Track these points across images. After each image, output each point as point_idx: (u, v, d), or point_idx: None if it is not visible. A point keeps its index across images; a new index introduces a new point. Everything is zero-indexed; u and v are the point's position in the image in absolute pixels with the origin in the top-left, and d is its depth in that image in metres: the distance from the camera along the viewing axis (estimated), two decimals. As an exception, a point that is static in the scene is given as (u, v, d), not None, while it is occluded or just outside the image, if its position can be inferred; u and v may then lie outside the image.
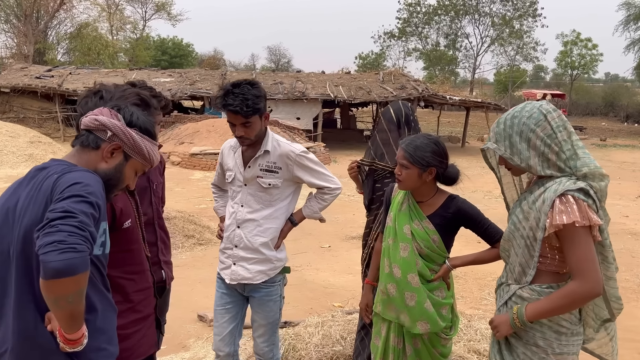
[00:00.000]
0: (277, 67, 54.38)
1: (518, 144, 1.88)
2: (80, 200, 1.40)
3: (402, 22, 46.32)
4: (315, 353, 3.29)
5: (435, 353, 2.43)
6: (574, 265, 1.83)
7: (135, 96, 2.00)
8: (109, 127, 1.63)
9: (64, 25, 34.78)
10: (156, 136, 1.78)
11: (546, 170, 1.88)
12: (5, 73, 21.76)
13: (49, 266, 1.27)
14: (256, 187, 2.61)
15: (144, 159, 1.72)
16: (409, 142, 2.35)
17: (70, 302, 1.35)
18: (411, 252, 2.36)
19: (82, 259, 1.31)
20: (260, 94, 2.48)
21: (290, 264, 6.59)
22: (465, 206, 2.40)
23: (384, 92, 19.81)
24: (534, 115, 1.87)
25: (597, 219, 1.79)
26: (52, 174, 1.52)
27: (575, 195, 1.79)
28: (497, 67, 48.51)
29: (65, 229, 1.31)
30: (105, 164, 1.65)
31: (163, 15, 43.55)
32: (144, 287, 2.09)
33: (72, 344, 1.46)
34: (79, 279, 1.32)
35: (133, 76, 20.43)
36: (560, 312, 1.87)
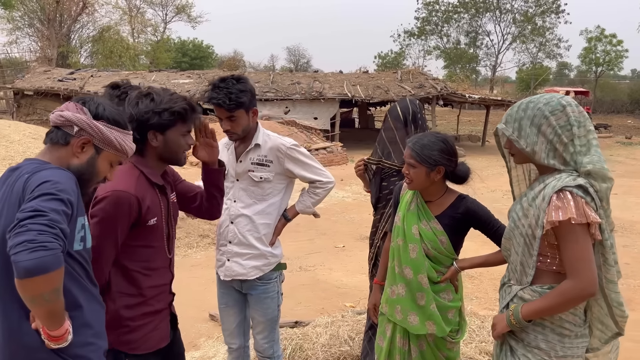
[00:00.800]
0: (296, 67, 54.49)
1: (527, 128, 1.83)
2: (50, 198, 1.40)
3: (422, 21, 45.97)
4: (322, 353, 3.27)
5: (441, 356, 2.38)
6: (568, 263, 1.77)
7: (182, 101, 2.06)
8: (74, 122, 1.62)
9: (86, 28, 35.49)
10: (126, 125, 1.74)
11: (550, 160, 1.82)
12: (29, 76, 22.24)
13: (20, 265, 1.28)
14: (248, 182, 2.61)
15: (116, 150, 1.70)
16: (416, 141, 2.30)
17: (47, 300, 1.35)
18: (419, 252, 2.32)
19: (53, 257, 1.31)
20: (245, 88, 2.48)
21: (304, 263, 6.58)
22: (475, 206, 2.35)
23: (402, 91, 19.66)
24: (551, 103, 1.82)
25: (595, 217, 1.73)
26: (23, 174, 1.53)
27: (573, 191, 1.74)
28: (519, 64, 47.86)
29: (34, 228, 1.31)
30: (77, 159, 1.65)
31: (183, 17, 44.06)
32: (159, 283, 2.11)
33: (56, 340, 1.47)
34: (53, 276, 1.32)
35: (152, 78, 20.70)
36: (555, 311, 1.82)
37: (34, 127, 16.19)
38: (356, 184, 10.39)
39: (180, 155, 2.12)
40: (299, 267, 6.15)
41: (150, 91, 2.07)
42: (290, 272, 6.05)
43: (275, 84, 19.82)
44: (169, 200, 2.14)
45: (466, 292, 5.32)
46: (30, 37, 33.54)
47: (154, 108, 2.01)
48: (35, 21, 32.47)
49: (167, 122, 2.03)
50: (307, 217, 3.12)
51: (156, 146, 2.05)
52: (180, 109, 2.04)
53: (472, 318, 4.15)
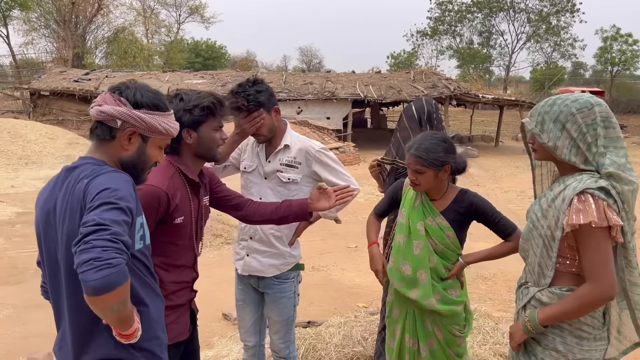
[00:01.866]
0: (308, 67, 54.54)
1: (551, 122, 1.81)
2: (110, 207, 1.42)
3: (435, 20, 45.75)
4: (335, 353, 3.27)
5: (451, 353, 2.40)
6: (587, 267, 1.75)
7: (209, 96, 2.10)
8: (116, 116, 1.61)
9: (101, 29, 35.80)
10: (166, 106, 1.72)
11: (572, 157, 1.80)
12: (45, 77, 22.52)
13: (88, 285, 1.31)
14: (276, 181, 2.63)
15: (162, 134, 1.70)
16: (417, 147, 2.32)
17: (115, 310, 1.40)
18: (424, 248, 2.35)
19: (119, 273, 1.34)
20: (262, 89, 2.51)
21: (316, 263, 6.58)
22: (477, 200, 2.39)
23: (414, 91, 19.59)
24: (580, 100, 1.80)
25: (617, 220, 1.70)
26: (82, 178, 1.54)
27: (594, 193, 1.71)
28: (533, 64, 47.41)
29: (98, 244, 1.33)
30: (126, 151, 1.66)
31: (196, 18, 44.29)
32: (180, 280, 2.13)
33: (127, 337, 1.53)
34: (120, 291, 1.35)
35: (166, 78, 20.85)
36: (572, 316, 1.80)
37: (50, 127, 16.44)
38: (368, 184, 10.38)
39: (215, 150, 2.16)
40: (311, 267, 6.16)
41: (180, 92, 2.12)
42: (303, 272, 6.04)
43: (287, 84, 19.85)
44: (200, 202, 2.16)
45: (480, 293, 5.30)
46: (46, 38, 33.96)
47: (184, 107, 2.05)
48: (51, 22, 32.84)
49: (198, 118, 2.07)
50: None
51: (191, 143, 2.10)
52: (209, 103, 2.08)
53: (486, 319, 4.13)
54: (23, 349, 3.93)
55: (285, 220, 2.41)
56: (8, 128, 14.64)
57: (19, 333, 4.23)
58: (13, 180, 11.51)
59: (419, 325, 2.42)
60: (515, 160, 17.50)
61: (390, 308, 2.55)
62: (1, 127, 14.61)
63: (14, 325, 4.38)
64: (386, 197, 2.68)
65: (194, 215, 2.10)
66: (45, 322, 4.36)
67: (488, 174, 14.16)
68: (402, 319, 2.48)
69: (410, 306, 2.45)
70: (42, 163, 13.51)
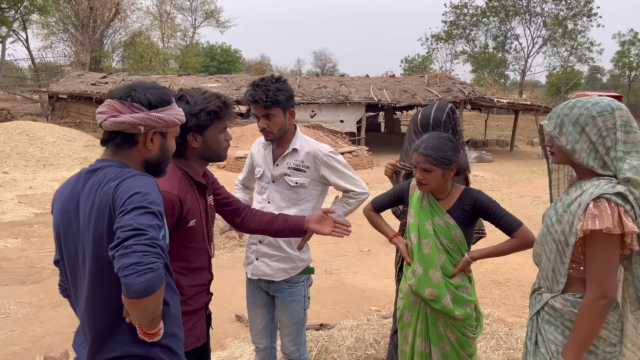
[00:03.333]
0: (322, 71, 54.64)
1: (570, 125, 1.79)
2: (144, 212, 1.45)
3: (449, 24, 45.59)
4: (347, 356, 3.27)
5: (464, 355, 2.40)
6: (591, 272, 1.74)
7: (216, 99, 2.10)
8: (139, 123, 1.61)
9: (118, 34, 36.25)
10: (170, 97, 1.72)
11: (590, 161, 1.77)
12: (63, 80, 22.86)
13: (132, 289, 1.35)
14: (283, 185, 2.63)
15: (177, 125, 1.73)
16: (425, 146, 2.35)
17: (152, 312, 1.46)
18: (433, 247, 2.37)
19: (159, 277, 1.39)
20: (283, 87, 2.52)
21: (329, 267, 6.57)
22: (482, 197, 2.41)
23: (429, 95, 19.53)
24: (601, 104, 1.77)
25: (633, 227, 1.67)
26: (109, 181, 1.55)
27: (611, 199, 1.68)
28: (549, 69, 46.99)
29: (139, 249, 1.37)
30: (150, 152, 1.68)
31: (212, 22, 44.70)
32: (197, 283, 2.13)
33: (151, 336, 1.57)
34: (159, 294, 1.41)
35: (182, 82, 21.02)
36: (592, 335, 1.75)
37: (67, 129, 16.68)
38: (382, 188, 10.36)
39: (222, 152, 2.17)
40: (324, 270, 6.17)
41: (184, 93, 2.09)
42: (316, 275, 6.06)
43: (301, 88, 19.91)
44: (207, 202, 2.16)
45: (494, 298, 5.26)
46: (64, 42, 34.47)
47: (189, 110, 2.03)
48: (69, 27, 33.33)
49: (204, 122, 2.06)
50: None
51: (196, 147, 2.09)
52: (215, 107, 2.07)
53: (499, 325, 4.10)
54: (40, 347, 3.99)
55: (281, 234, 2.40)
56: (27, 130, 14.89)
57: (36, 332, 4.29)
58: (31, 182, 11.70)
59: (431, 328, 2.43)
60: (530, 165, 17.34)
61: (402, 312, 2.56)
62: (20, 130, 14.86)
63: (31, 324, 4.45)
64: (389, 193, 2.69)
65: (203, 216, 2.10)
66: (62, 321, 4.43)
67: (502, 179, 14.04)
68: (414, 322, 2.48)
69: (423, 309, 2.45)
70: (59, 165, 13.71)
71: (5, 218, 8.52)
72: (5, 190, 10.72)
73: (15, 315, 4.64)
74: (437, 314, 2.40)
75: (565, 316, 1.83)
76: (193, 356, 2.15)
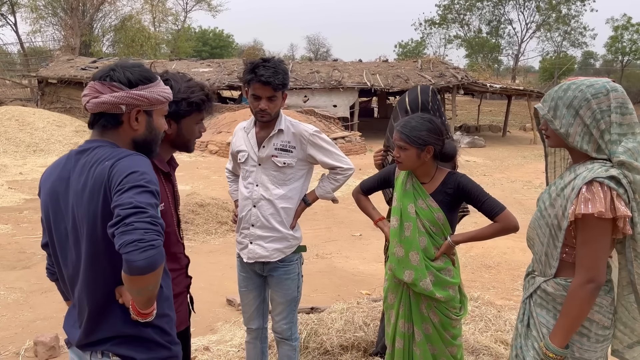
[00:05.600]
0: (315, 56, 54.31)
1: (564, 108, 1.76)
2: (142, 190, 1.44)
3: (443, 9, 45.36)
4: (336, 338, 3.29)
5: (447, 336, 2.43)
6: (580, 257, 1.73)
7: (199, 90, 2.07)
8: (119, 102, 1.59)
9: (108, 18, 35.77)
10: (155, 75, 1.70)
11: (584, 145, 1.74)
12: (53, 65, 22.59)
13: (134, 265, 1.35)
14: (271, 167, 2.64)
15: (162, 103, 1.70)
16: (404, 124, 2.37)
17: (150, 290, 1.47)
18: (414, 230, 2.38)
19: (160, 254, 1.39)
20: (287, 71, 2.56)
21: (321, 251, 6.59)
22: (465, 180, 2.42)
23: (422, 80, 19.48)
24: (595, 85, 1.74)
25: (625, 210, 1.65)
26: (102, 160, 1.54)
27: (604, 182, 1.66)
28: (542, 54, 46.97)
29: (140, 227, 1.37)
30: (137, 131, 1.66)
31: (203, 6, 44.11)
32: (175, 267, 2.12)
33: (145, 316, 1.57)
34: (159, 271, 1.42)
35: (173, 66, 20.83)
36: (579, 318, 1.76)
37: (57, 114, 16.54)
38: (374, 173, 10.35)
39: (192, 142, 2.14)
40: (315, 254, 6.19)
41: (168, 77, 2.05)
42: (307, 259, 6.07)
43: (294, 73, 19.79)
44: (175, 187, 2.14)
45: (483, 282, 5.30)
46: (53, 26, 33.99)
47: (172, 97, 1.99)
48: (58, 10, 32.87)
49: (183, 111, 2.04)
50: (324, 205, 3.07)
51: (169, 133, 2.05)
52: (198, 99, 2.05)
53: (488, 307, 4.14)
54: (30, 331, 3.99)
55: None
56: (16, 116, 14.73)
57: (26, 316, 4.29)
58: (21, 167, 11.61)
59: (414, 310, 2.44)
60: (522, 150, 17.39)
61: (386, 294, 2.58)
62: (9, 115, 14.71)
63: (21, 309, 4.44)
64: (377, 176, 2.72)
65: (171, 201, 2.09)
66: (52, 306, 4.42)
67: (495, 164, 14.08)
68: (397, 304, 2.50)
69: (406, 291, 2.47)
70: (50, 150, 13.61)
71: (-5, 204, 8.47)
72: (-6, 176, 10.65)
73: (5, 300, 4.63)
74: (419, 296, 2.42)
75: (557, 300, 1.83)
76: None
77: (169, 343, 1.69)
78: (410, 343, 2.48)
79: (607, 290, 1.82)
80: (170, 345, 1.69)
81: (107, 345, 1.60)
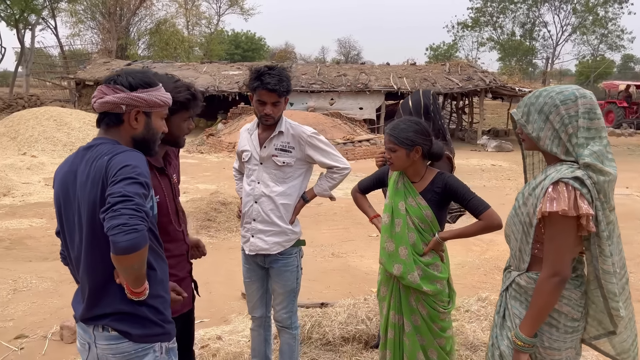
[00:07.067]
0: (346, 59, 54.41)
1: (535, 113, 1.88)
2: (132, 182, 1.64)
3: (476, 11, 44.86)
4: (338, 330, 3.44)
5: (435, 328, 2.55)
6: (547, 252, 1.85)
7: (186, 90, 2.26)
8: (120, 102, 1.81)
9: (144, 21, 36.87)
10: (155, 81, 1.90)
11: (553, 148, 1.87)
12: (90, 67, 23.43)
13: (118, 246, 1.55)
14: (271, 165, 2.82)
15: (161, 107, 1.90)
16: (393, 127, 2.54)
17: (136, 269, 1.65)
18: (403, 226, 2.53)
19: (142, 237, 1.58)
20: (290, 77, 2.75)
21: (337, 250, 6.71)
22: (452, 180, 2.55)
23: (449, 83, 19.41)
24: (565, 93, 1.85)
25: (588, 209, 1.76)
26: (102, 155, 1.75)
27: (569, 182, 1.78)
28: (578, 57, 45.91)
29: (126, 212, 1.56)
30: (136, 130, 1.87)
31: (236, 10, 44.87)
32: (176, 254, 2.33)
33: (137, 295, 1.76)
34: (142, 252, 1.60)
35: (204, 69, 21.34)
36: (545, 310, 1.87)
37: (93, 115, 17.01)
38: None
39: (181, 138, 2.33)
40: (331, 253, 6.35)
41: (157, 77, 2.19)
42: (323, 258, 6.25)
43: (321, 76, 20.00)
44: (171, 180, 2.33)
45: (494, 283, 5.36)
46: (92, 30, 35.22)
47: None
48: (97, 14, 34.02)
49: (170, 109, 2.18)
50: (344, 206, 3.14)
51: None
52: (183, 99, 2.24)
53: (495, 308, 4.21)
54: (58, 317, 4.28)
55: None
56: (54, 116, 15.37)
57: (55, 304, 4.60)
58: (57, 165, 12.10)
59: (403, 302, 2.58)
60: (552, 155, 17.03)
61: (379, 286, 2.73)
62: (48, 115, 15.36)
63: (51, 297, 4.76)
64: (373, 176, 2.90)
65: (167, 193, 2.27)
66: (78, 294, 4.72)
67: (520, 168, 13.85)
68: (388, 296, 2.65)
69: (396, 284, 2.61)
70: (84, 150, 14.12)
71: (32, 199, 8.93)
72: (33, 173, 11.19)
73: (37, 288, 4.96)
74: (409, 289, 2.56)
75: (529, 293, 1.95)
76: (180, 321, 2.34)
77: (162, 322, 1.87)
78: (400, 334, 2.62)
79: (577, 285, 1.93)
80: (164, 323, 1.88)
81: (106, 320, 1.79)
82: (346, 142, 14.60)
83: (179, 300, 2.11)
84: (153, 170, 2.23)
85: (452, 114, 23.57)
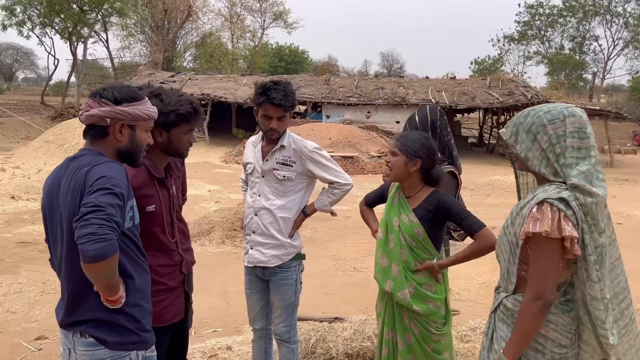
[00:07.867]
0: (389, 72, 54.33)
1: (523, 133, 1.84)
2: (106, 192, 1.69)
3: (523, 25, 43.97)
4: (342, 346, 3.40)
5: (428, 349, 2.47)
6: (530, 274, 1.78)
7: (188, 104, 2.32)
8: (104, 116, 1.86)
9: (190, 35, 38.05)
10: (140, 96, 1.95)
11: (542, 168, 1.82)
12: (135, 79, 24.32)
13: (86, 254, 1.59)
14: (272, 179, 2.84)
15: (145, 120, 1.95)
16: (404, 135, 2.54)
17: (105, 277, 1.68)
18: (396, 242, 2.48)
19: (111, 246, 1.61)
20: (295, 93, 2.80)
21: (359, 264, 6.65)
22: (446, 199, 2.49)
23: (488, 97, 19.06)
24: (553, 112, 1.81)
25: (571, 231, 1.69)
26: (83, 166, 1.82)
27: (553, 203, 1.72)
28: (631, 72, 44.15)
29: (96, 222, 1.60)
30: (120, 142, 1.92)
31: (280, 23, 45.71)
32: (168, 263, 2.36)
33: (112, 303, 1.80)
34: (111, 261, 1.63)
35: (244, 81, 21.75)
36: (529, 334, 1.80)
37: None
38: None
39: (183, 150, 2.38)
40: (352, 267, 6.30)
41: (160, 92, 2.30)
42: (344, 272, 6.21)
43: (359, 89, 20.04)
44: (170, 191, 2.37)
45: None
46: (141, 43, 36.63)
47: (162, 108, 2.23)
48: (146, 28, 35.37)
49: (172, 122, 2.27)
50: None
51: (161, 141, 2.30)
52: (185, 112, 2.29)
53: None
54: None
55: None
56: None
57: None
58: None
59: (397, 319, 2.53)
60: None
61: (377, 302, 2.68)
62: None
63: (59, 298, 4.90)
64: (378, 190, 2.88)
65: (164, 204, 2.31)
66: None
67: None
68: (383, 312, 2.60)
69: (389, 301, 2.56)
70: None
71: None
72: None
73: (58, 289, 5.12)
74: (402, 306, 2.50)
75: (515, 315, 1.87)
76: (171, 330, 2.38)
77: (139, 330, 1.90)
78: (394, 351, 2.56)
79: (566, 310, 1.84)
80: (140, 332, 1.91)
81: (83, 327, 1.84)
82: (380, 156, 14.53)
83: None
84: (153, 180, 2.29)
85: (493, 129, 23.11)
